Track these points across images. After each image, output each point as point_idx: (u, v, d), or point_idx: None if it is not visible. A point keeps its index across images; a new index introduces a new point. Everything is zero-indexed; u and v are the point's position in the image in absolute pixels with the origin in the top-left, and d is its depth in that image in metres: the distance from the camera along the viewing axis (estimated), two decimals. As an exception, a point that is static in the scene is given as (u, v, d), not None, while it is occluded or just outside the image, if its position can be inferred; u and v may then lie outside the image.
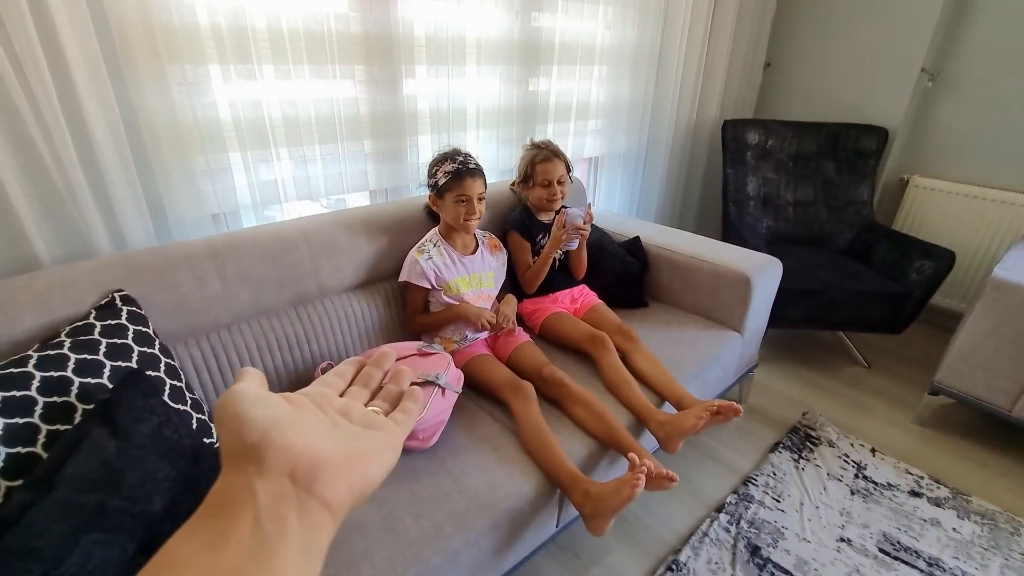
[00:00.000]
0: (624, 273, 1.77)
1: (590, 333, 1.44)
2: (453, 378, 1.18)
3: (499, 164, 1.92)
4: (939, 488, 1.59)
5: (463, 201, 1.35)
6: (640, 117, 2.38)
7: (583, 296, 1.67)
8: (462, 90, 1.71)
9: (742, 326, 1.65)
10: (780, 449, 1.72)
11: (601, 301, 1.67)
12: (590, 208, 1.56)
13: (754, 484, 1.58)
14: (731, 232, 2.39)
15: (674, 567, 1.31)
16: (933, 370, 1.80)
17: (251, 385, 0.27)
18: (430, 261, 1.38)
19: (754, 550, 1.36)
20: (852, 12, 2.52)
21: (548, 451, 1.09)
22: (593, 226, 1.84)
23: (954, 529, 1.45)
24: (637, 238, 1.84)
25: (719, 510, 1.49)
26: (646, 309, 1.79)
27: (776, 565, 1.33)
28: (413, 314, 1.42)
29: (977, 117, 2.33)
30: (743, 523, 1.45)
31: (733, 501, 1.52)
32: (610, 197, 2.49)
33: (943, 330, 2.41)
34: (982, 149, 2.34)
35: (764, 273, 1.64)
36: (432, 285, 1.38)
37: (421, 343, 1.26)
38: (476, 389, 1.31)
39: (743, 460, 1.69)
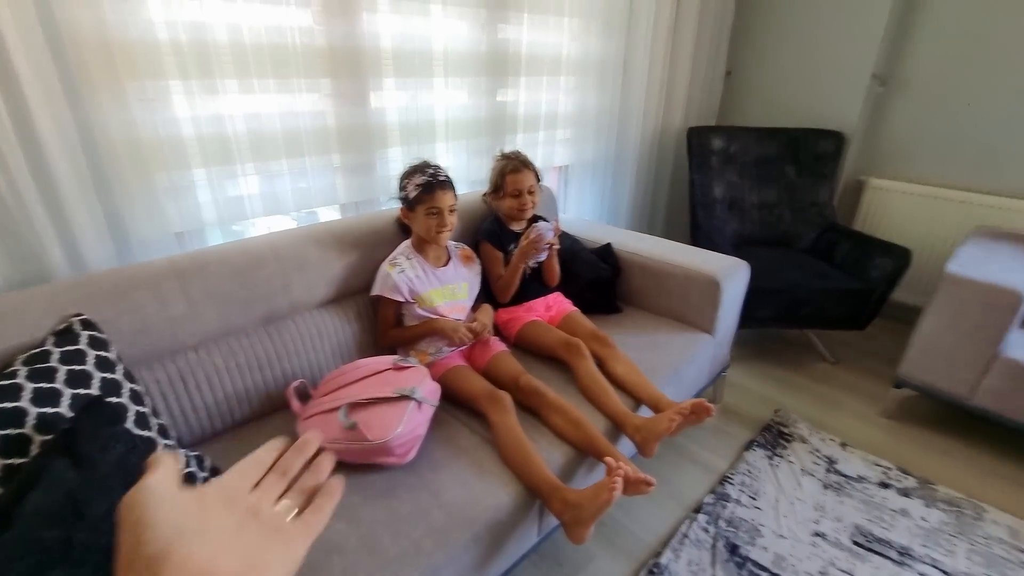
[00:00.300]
0: (597, 279, 1.79)
1: (565, 340, 1.45)
2: (429, 391, 1.18)
3: (470, 175, 1.92)
4: (907, 478, 1.64)
5: (434, 213, 1.35)
6: (608, 126, 2.42)
7: (558, 304, 1.68)
8: (431, 102, 1.72)
9: (713, 327, 1.68)
10: (754, 447, 1.75)
11: (576, 308, 1.68)
12: (556, 223, 1.58)
13: (730, 483, 1.60)
14: (700, 236, 2.45)
15: (655, 570, 1.32)
16: (897, 364, 1.86)
17: (163, 481, 0.26)
18: (403, 274, 1.38)
19: (733, 549, 1.39)
20: (805, 21, 2.62)
21: (526, 461, 1.09)
22: (565, 233, 1.86)
23: (922, 518, 1.50)
24: (608, 244, 1.87)
25: (697, 511, 1.51)
26: (620, 314, 1.81)
27: (755, 563, 1.35)
28: (386, 328, 1.41)
29: (926, 120, 2.45)
30: (721, 522, 1.47)
31: (711, 501, 1.54)
32: (581, 204, 2.52)
33: (905, 325, 2.49)
34: (932, 150, 2.46)
35: (732, 275, 1.68)
36: (405, 298, 1.37)
37: (396, 357, 1.25)
38: (453, 401, 1.30)
39: (719, 460, 1.72)
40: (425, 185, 1.34)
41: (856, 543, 1.42)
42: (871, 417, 1.95)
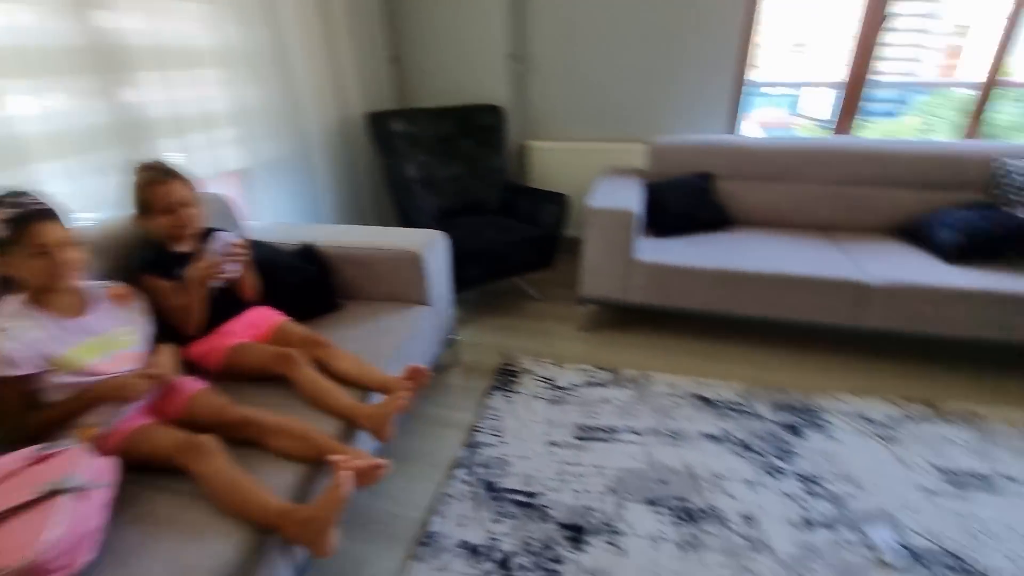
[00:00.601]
0: (304, 282, 1.69)
1: (276, 354, 1.33)
2: (95, 472, 0.93)
3: (107, 197, 1.56)
4: (603, 373, 2.05)
5: (41, 253, 1.05)
6: (281, 121, 2.26)
7: (263, 318, 1.52)
8: (6, 113, 1.31)
9: (428, 298, 1.77)
10: (493, 392, 1.94)
11: (287, 318, 1.55)
12: (236, 238, 1.42)
13: (479, 431, 1.75)
14: (406, 216, 2.54)
15: (427, 540, 1.36)
16: (579, 287, 2.29)
17: None
18: (19, 339, 1.04)
19: (490, 487, 1.52)
20: (450, 10, 2.88)
21: (247, 500, 0.97)
22: (260, 242, 1.68)
23: (618, 400, 1.90)
24: (308, 244, 1.77)
25: (456, 467, 1.60)
26: (341, 311, 1.75)
27: (509, 490, 1.51)
28: (14, 415, 1.05)
29: (557, 89, 3.00)
30: (478, 468, 1.59)
31: (466, 454, 1.65)
32: (276, 208, 2.32)
33: (579, 255, 3.08)
34: (568, 113, 3.03)
35: (432, 246, 1.79)
36: (32, 369, 1.04)
37: (39, 447, 0.95)
38: (144, 467, 1.06)
39: (468, 415, 1.86)
40: (15, 220, 1.02)
41: (578, 438, 1.71)
42: (573, 334, 2.37)
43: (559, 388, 1.97)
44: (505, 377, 2.04)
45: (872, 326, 1.97)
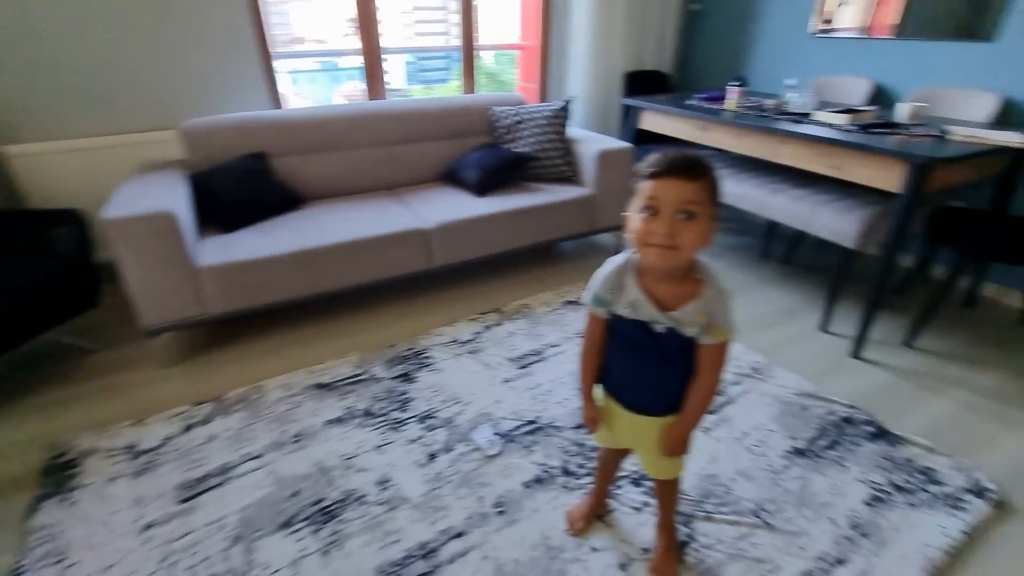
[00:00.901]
0: None
1: None
2: None
3: None
4: (203, 407, 1.73)
5: None
6: None
7: None
8: None
9: None
10: (40, 505, 1.39)
11: None
12: None
13: (24, 571, 1.23)
14: None
15: None
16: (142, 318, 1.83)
17: None
18: None
19: (54, 639, 1.09)
20: None
21: None
22: None
23: (227, 430, 1.64)
24: None
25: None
26: None
27: (90, 623, 1.12)
28: None
29: (25, 73, 2.18)
30: (30, 625, 1.12)
31: (3, 617, 1.14)
32: None
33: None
34: (56, 103, 2.27)
35: None
36: None
37: None
38: None
39: (3, 557, 1.27)
40: None
41: (183, 500, 1.40)
42: (156, 376, 1.91)
43: (145, 452, 1.56)
44: (57, 475, 1.48)
45: (442, 263, 2.27)
